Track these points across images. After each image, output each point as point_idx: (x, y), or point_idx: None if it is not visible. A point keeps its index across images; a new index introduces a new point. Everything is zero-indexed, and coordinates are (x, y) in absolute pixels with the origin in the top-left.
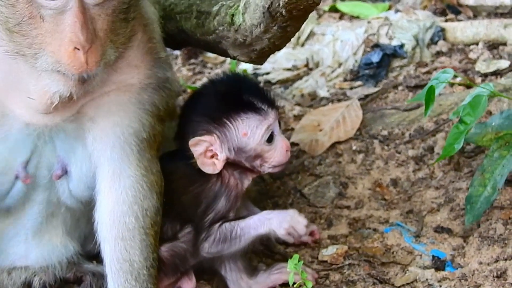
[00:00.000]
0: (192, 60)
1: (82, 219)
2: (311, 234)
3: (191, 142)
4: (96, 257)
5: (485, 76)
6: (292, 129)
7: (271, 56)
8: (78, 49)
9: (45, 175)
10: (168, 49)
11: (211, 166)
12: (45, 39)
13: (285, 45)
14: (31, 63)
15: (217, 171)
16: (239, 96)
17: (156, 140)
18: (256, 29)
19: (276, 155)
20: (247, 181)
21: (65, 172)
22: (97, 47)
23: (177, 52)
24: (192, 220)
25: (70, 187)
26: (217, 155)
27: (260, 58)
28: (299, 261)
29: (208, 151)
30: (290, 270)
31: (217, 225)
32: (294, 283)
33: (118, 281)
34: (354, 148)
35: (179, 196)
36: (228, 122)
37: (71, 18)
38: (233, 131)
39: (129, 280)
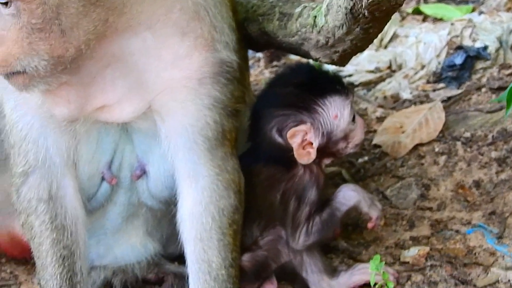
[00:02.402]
0: (275, 63)
1: (163, 219)
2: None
3: (289, 134)
4: (178, 258)
5: None
6: (375, 131)
7: (354, 58)
8: None
9: (127, 176)
10: (250, 51)
11: (306, 156)
12: None
13: (367, 47)
14: None
15: (311, 161)
16: (319, 82)
17: (228, 137)
18: (338, 31)
19: (358, 133)
20: (323, 166)
21: (143, 173)
22: None
23: (260, 55)
24: (280, 222)
25: (150, 188)
26: (311, 144)
27: (342, 59)
28: (380, 261)
29: (303, 141)
30: (371, 271)
31: (312, 216)
32: (376, 284)
33: (198, 282)
34: (436, 150)
35: (264, 200)
36: (318, 108)
37: None
38: (324, 115)
39: (208, 280)
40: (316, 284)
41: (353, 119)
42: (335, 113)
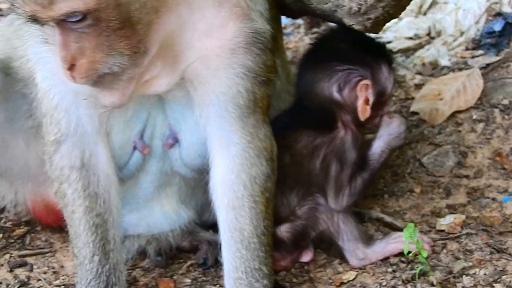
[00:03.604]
0: (315, 29)
1: (198, 188)
2: None
3: (360, 86)
4: (213, 226)
5: None
6: (413, 98)
7: (393, 24)
8: None
9: (159, 145)
10: (285, 17)
11: (365, 113)
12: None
13: (399, 14)
14: None
15: (366, 118)
16: (372, 43)
17: (260, 105)
18: None
19: (390, 102)
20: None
21: (176, 141)
22: (81, 66)
23: (300, 21)
24: (320, 188)
25: (182, 156)
26: (368, 100)
27: (375, 27)
28: (414, 230)
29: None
30: (405, 239)
31: (354, 176)
32: (409, 252)
33: (230, 250)
34: (474, 117)
35: (302, 167)
36: (376, 66)
37: (56, 37)
38: (380, 75)
39: (240, 249)
40: (351, 252)
41: None
42: (386, 74)
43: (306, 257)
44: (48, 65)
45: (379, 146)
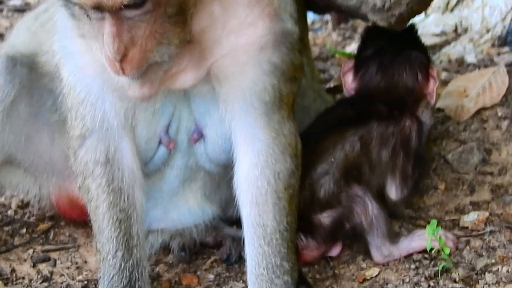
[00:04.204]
0: (342, 25)
1: (222, 183)
2: None
3: (432, 71)
4: (237, 222)
5: None
6: (439, 94)
7: (420, 21)
8: None
9: (184, 140)
10: (313, 13)
11: (435, 95)
12: (97, 38)
13: (424, 10)
14: None
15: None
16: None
17: (285, 101)
18: None
19: None
20: None
21: (201, 136)
22: (133, 56)
23: (328, 17)
24: (359, 179)
25: (207, 151)
26: (436, 83)
27: (399, 23)
28: (438, 226)
29: None
30: (428, 236)
31: (415, 166)
32: (432, 249)
33: (253, 246)
34: (499, 114)
35: (361, 159)
36: (427, 52)
37: (106, 29)
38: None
39: (262, 245)
40: (378, 248)
41: None
42: None
43: (335, 251)
44: (75, 59)
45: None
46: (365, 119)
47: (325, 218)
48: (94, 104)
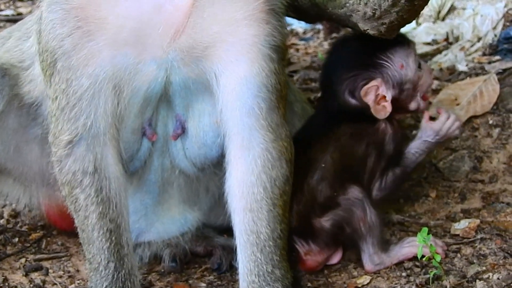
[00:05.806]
0: (334, 34)
1: (200, 189)
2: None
3: (362, 92)
4: (227, 230)
5: None
6: (430, 103)
7: (412, 29)
8: None
9: (164, 132)
10: (304, 22)
11: (382, 111)
12: None
13: (413, 19)
14: None
15: (388, 114)
16: (379, 39)
17: (283, 93)
18: (384, 3)
19: (427, 78)
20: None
21: (183, 131)
22: None
23: (319, 27)
24: (356, 180)
25: (185, 146)
26: (384, 97)
27: (389, 31)
28: (428, 234)
29: (377, 96)
30: (419, 243)
31: (386, 170)
32: (423, 256)
33: (245, 253)
34: (490, 122)
35: (345, 159)
36: (383, 61)
37: None
38: (391, 67)
39: (255, 252)
40: (370, 256)
41: (419, 66)
42: (401, 62)
43: (336, 258)
44: (70, 58)
45: (414, 147)
46: (342, 121)
47: (326, 221)
48: (89, 104)
